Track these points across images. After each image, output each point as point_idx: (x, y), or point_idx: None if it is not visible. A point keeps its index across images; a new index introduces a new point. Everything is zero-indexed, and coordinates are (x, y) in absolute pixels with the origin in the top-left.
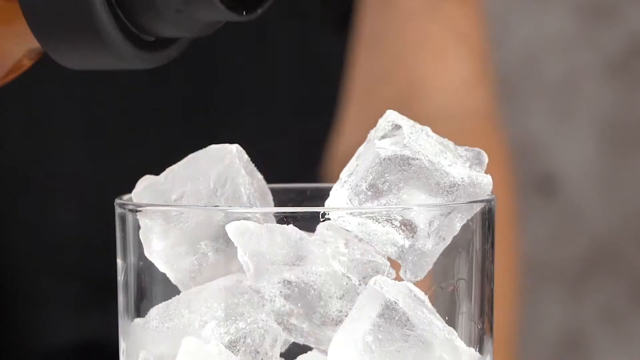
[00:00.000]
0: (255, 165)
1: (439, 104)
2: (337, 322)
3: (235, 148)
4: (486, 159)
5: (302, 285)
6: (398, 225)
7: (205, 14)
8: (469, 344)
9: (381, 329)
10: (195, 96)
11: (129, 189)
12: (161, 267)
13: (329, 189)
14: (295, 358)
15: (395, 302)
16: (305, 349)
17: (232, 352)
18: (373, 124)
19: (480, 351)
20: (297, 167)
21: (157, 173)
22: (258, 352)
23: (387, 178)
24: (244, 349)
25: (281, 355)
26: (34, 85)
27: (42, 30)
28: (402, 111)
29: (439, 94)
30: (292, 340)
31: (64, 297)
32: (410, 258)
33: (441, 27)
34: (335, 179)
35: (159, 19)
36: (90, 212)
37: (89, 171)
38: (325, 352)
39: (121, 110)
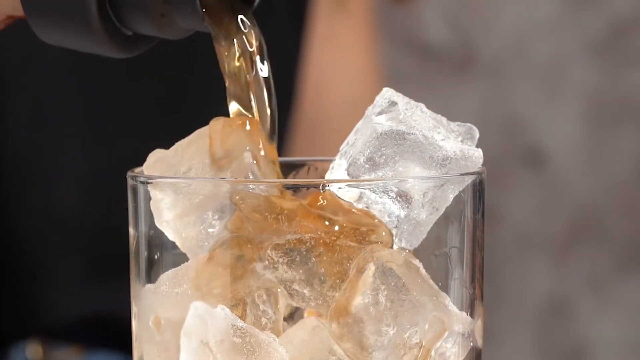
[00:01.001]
0: None
1: (342, 94)
2: (336, 288)
3: (241, 122)
4: (477, 134)
5: (304, 253)
6: (394, 196)
7: (186, 23)
8: (461, 308)
9: (378, 294)
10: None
11: (124, 171)
12: (170, 235)
13: (330, 161)
14: (298, 322)
15: (391, 269)
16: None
17: (238, 315)
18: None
19: (472, 315)
20: None
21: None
22: (262, 316)
23: (384, 152)
24: (249, 312)
25: (284, 319)
26: (37, 80)
27: (30, 2)
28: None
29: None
30: (295, 304)
31: (68, 273)
32: (405, 227)
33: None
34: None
35: (143, 19)
36: (89, 195)
37: (86, 157)
38: (325, 315)
39: (114, 102)
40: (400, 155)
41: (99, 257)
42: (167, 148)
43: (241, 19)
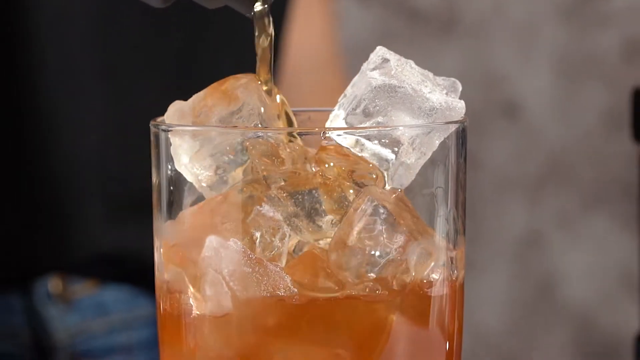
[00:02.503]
0: None
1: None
2: (335, 223)
3: (250, 77)
4: (460, 87)
5: (307, 192)
6: (386, 142)
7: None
8: (446, 242)
9: (372, 228)
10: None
11: (141, 120)
12: (188, 177)
13: (329, 112)
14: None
15: (384, 206)
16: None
17: (248, 248)
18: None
19: (455, 247)
20: None
21: (162, 110)
22: (269, 247)
23: (378, 103)
24: (258, 245)
25: (289, 252)
26: (64, 38)
27: None
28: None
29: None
30: (298, 238)
31: (87, 215)
32: (396, 170)
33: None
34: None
35: None
36: (110, 143)
37: (107, 108)
38: (324, 247)
39: (133, 57)
40: (392, 106)
41: (116, 200)
42: (184, 99)
43: None
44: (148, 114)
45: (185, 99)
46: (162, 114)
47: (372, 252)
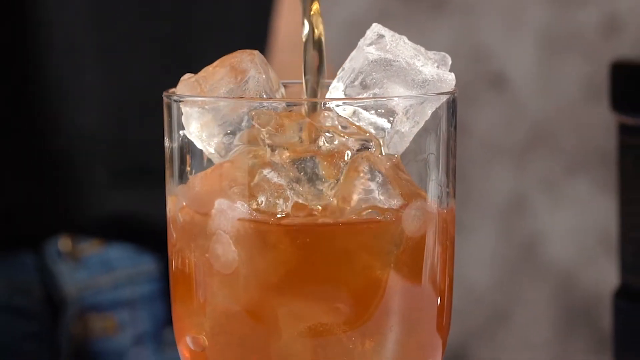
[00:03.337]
0: None
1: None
2: (334, 187)
3: (255, 53)
4: (450, 61)
5: (308, 159)
6: (382, 112)
7: None
8: (438, 205)
9: (370, 190)
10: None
11: (138, 94)
12: (198, 144)
13: (329, 84)
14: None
15: (380, 171)
16: None
17: (253, 208)
18: None
19: (446, 209)
20: None
21: (160, 82)
22: (271, 208)
23: (374, 76)
24: (263, 204)
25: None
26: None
27: None
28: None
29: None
30: (300, 201)
31: (93, 180)
32: (391, 137)
33: None
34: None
35: None
36: (110, 115)
37: (107, 83)
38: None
39: (129, 37)
40: (387, 79)
41: (119, 167)
42: (178, 74)
43: None
44: (145, 88)
45: (183, 73)
46: (162, 87)
47: (369, 212)
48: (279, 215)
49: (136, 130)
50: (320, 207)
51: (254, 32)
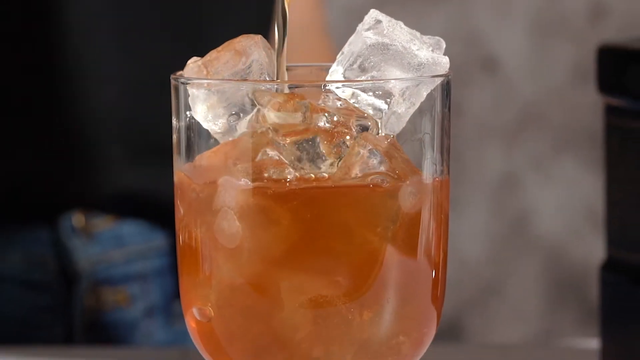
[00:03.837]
0: None
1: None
2: (335, 165)
3: (259, 37)
4: (444, 45)
5: (309, 138)
6: (380, 94)
7: None
8: (433, 182)
9: (367, 166)
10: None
11: (155, 74)
12: (204, 124)
13: (329, 67)
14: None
15: (377, 150)
16: None
17: (256, 185)
18: None
19: (441, 186)
20: None
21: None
22: (274, 185)
23: (372, 59)
24: (266, 181)
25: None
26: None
27: None
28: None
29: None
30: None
31: (108, 158)
32: (388, 118)
33: None
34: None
35: None
36: (127, 94)
37: (125, 64)
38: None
39: (147, 19)
40: (384, 62)
41: (133, 145)
42: (194, 54)
43: None
44: (161, 68)
45: (194, 54)
46: (174, 68)
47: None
48: (280, 192)
49: (150, 109)
50: (321, 185)
51: (265, 14)
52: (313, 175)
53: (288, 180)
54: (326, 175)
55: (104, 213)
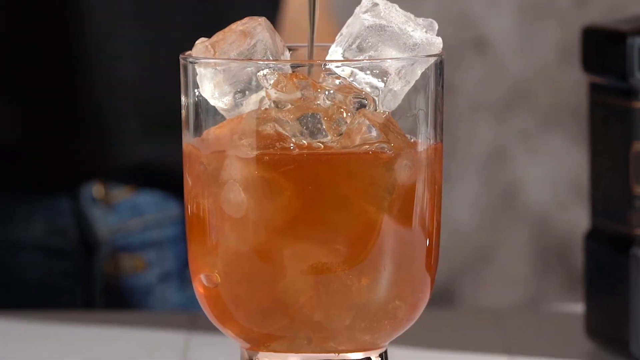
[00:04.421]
0: None
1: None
2: (335, 140)
3: (262, 19)
4: (436, 26)
5: (310, 114)
6: (377, 72)
7: None
8: (427, 155)
9: (365, 141)
10: None
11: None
12: (211, 101)
13: (327, 47)
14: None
15: (374, 125)
16: None
17: (260, 158)
18: None
19: (434, 159)
20: None
21: (190, 40)
22: (277, 158)
23: (369, 40)
24: (270, 155)
25: None
26: None
27: None
28: None
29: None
30: (303, 152)
31: (126, 131)
32: (385, 95)
33: None
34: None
35: None
36: (144, 70)
37: (142, 41)
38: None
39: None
40: (381, 43)
41: (149, 119)
42: (207, 35)
43: None
44: (175, 46)
45: (208, 35)
46: (188, 47)
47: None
48: (283, 165)
49: (166, 85)
50: (322, 157)
51: None
52: (314, 148)
53: (290, 153)
54: (327, 146)
55: (122, 184)
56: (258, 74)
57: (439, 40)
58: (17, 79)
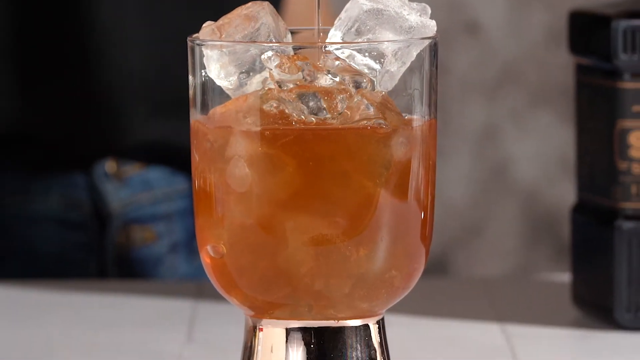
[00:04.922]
0: None
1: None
2: (335, 118)
3: (266, 4)
4: (429, 10)
5: (311, 93)
6: (374, 54)
7: None
8: (422, 133)
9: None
10: None
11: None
12: (217, 81)
13: (328, 30)
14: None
15: (371, 104)
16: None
17: (264, 135)
18: None
19: (429, 136)
20: None
21: (195, 27)
22: (280, 134)
23: (367, 23)
24: (272, 131)
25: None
26: None
27: None
28: None
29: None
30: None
31: (136, 112)
32: (382, 76)
33: None
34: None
35: None
36: (151, 54)
37: (149, 26)
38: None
39: None
40: (379, 26)
41: (157, 101)
42: (212, 19)
43: None
44: (182, 32)
45: (214, 19)
46: (193, 31)
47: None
48: (286, 141)
49: (174, 66)
50: (322, 133)
51: None
52: (315, 124)
53: (292, 130)
54: (327, 123)
55: (133, 160)
56: (262, 55)
57: (433, 23)
58: (33, 66)
